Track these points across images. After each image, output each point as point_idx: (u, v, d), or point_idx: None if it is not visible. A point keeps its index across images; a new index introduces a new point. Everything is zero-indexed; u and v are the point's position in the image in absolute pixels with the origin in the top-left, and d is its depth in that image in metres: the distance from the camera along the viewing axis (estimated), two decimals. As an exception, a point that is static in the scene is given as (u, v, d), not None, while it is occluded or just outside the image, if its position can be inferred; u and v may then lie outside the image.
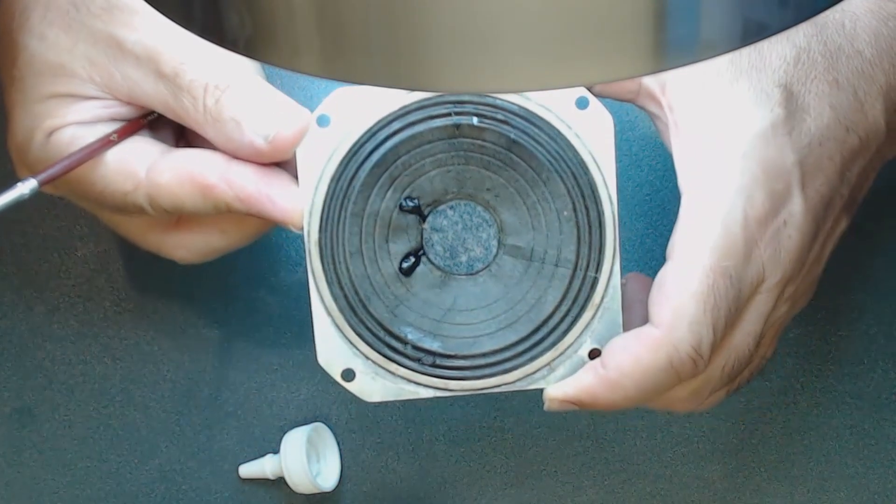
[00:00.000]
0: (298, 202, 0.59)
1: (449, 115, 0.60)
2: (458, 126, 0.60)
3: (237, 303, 0.73)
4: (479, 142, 0.60)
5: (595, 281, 0.60)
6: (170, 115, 0.61)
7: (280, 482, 0.72)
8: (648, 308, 0.59)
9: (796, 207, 0.59)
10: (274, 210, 0.59)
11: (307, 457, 0.70)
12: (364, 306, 0.60)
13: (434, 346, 0.60)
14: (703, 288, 0.58)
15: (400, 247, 0.61)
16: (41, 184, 0.58)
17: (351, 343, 0.60)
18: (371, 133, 0.60)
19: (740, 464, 0.73)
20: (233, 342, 0.73)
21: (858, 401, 0.73)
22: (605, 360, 0.59)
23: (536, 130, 0.60)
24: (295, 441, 0.71)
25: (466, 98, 0.60)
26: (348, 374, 0.60)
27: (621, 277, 0.61)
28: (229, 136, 0.60)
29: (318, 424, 0.72)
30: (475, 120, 0.60)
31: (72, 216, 0.73)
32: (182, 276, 0.73)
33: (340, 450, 0.73)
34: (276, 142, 0.59)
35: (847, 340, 0.73)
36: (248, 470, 0.73)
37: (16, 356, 0.73)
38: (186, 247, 0.64)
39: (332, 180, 0.60)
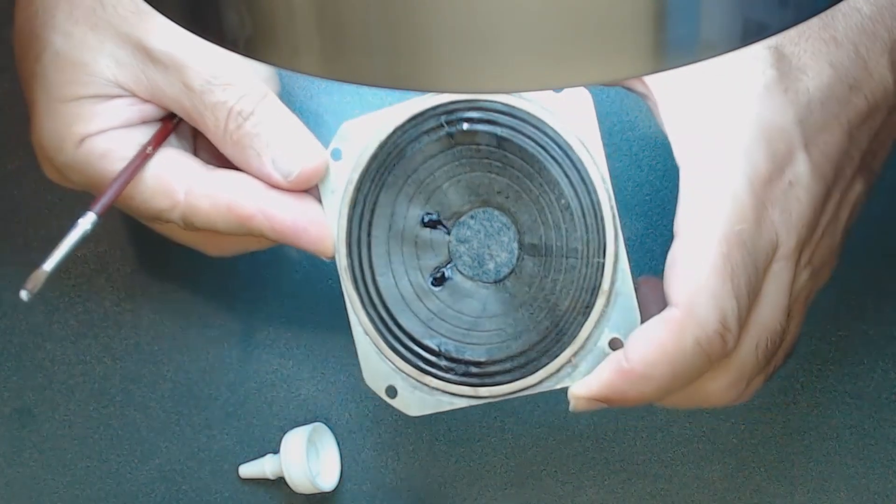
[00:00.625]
0: (329, 232, 0.61)
1: (441, 126, 0.60)
2: (451, 135, 0.60)
3: (237, 303, 0.73)
4: (474, 146, 0.60)
5: (602, 266, 0.59)
6: (191, 123, 0.62)
7: (280, 482, 0.72)
8: (665, 291, 0.57)
9: (801, 168, 0.58)
10: (308, 241, 0.61)
11: (307, 457, 0.70)
12: (397, 323, 0.61)
13: (465, 355, 0.61)
14: (718, 258, 0.56)
15: (428, 261, 0.62)
16: (100, 216, 0.60)
17: (389, 361, 0.61)
18: (376, 158, 0.61)
19: (740, 464, 0.73)
20: (233, 342, 0.73)
21: (858, 401, 0.72)
22: (629, 353, 0.57)
23: (521, 123, 0.60)
24: (295, 441, 0.71)
25: (452, 105, 0.60)
26: (391, 391, 0.62)
27: (633, 281, 0.59)
28: (248, 163, 0.61)
29: (318, 424, 0.72)
30: (465, 125, 0.60)
31: (72, 216, 0.73)
32: (183, 276, 0.73)
33: (340, 450, 0.73)
34: (296, 181, 0.61)
35: (847, 340, 0.73)
36: (248, 470, 0.73)
37: (16, 356, 0.73)
38: (221, 247, 0.65)
39: (350, 207, 0.61)
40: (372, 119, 0.62)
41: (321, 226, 0.61)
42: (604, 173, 0.59)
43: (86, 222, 0.60)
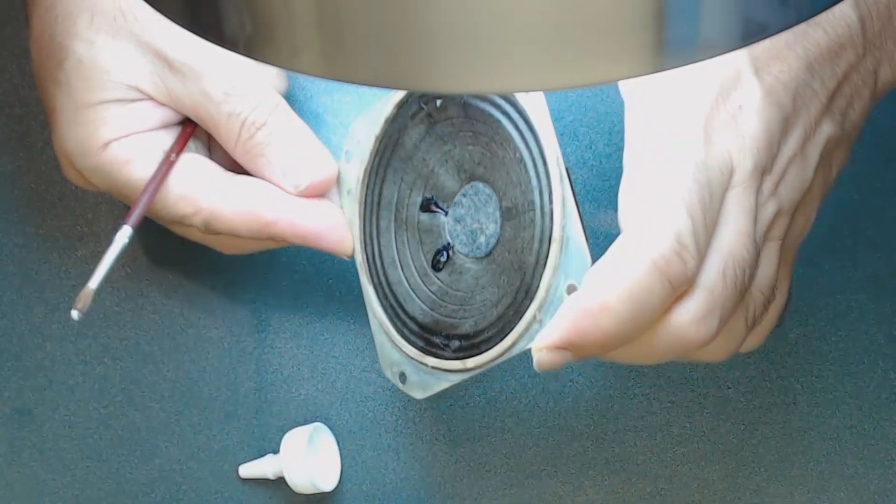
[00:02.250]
0: (348, 234, 0.64)
1: (421, 108, 0.62)
2: (430, 115, 0.62)
3: (237, 303, 0.73)
4: (449, 121, 0.61)
5: (552, 213, 0.57)
6: (206, 129, 0.64)
7: (280, 482, 0.72)
8: (619, 225, 0.55)
9: (751, 91, 0.57)
10: (330, 244, 0.64)
11: (307, 457, 0.70)
12: (404, 310, 0.63)
13: (457, 329, 0.61)
14: (665, 177, 0.54)
15: (429, 246, 0.63)
16: (134, 228, 0.62)
17: (398, 347, 0.63)
18: (376, 153, 0.63)
19: (740, 464, 0.73)
20: (233, 342, 0.73)
21: (858, 401, 0.72)
22: (585, 288, 0.54)
23: None
24: (295, 441, 0.71)
25: None
26: (402, 377, 0.63)
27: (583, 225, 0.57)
28: (260, 172, 0.64)
29: (318, 424, 0.72)
30: (438, 102, 0.61)
31: (72, 216, 0.73)
32: (182, 276, 0.73)
33: (340, 450, 0.73)
34: (305, 192, 0.63)
35: (847, 340, 0.73)
36: (248, 470, 0.73)
37: (16, 356, 0.73)
38: (239, 247, 0.67)
39: (361, 205, 0.64)
40: (371, 114, 0.63)
41: (341, 228, 0.64)
42: (545, 118, 0.58)
43: (123, 236, 0.62)
